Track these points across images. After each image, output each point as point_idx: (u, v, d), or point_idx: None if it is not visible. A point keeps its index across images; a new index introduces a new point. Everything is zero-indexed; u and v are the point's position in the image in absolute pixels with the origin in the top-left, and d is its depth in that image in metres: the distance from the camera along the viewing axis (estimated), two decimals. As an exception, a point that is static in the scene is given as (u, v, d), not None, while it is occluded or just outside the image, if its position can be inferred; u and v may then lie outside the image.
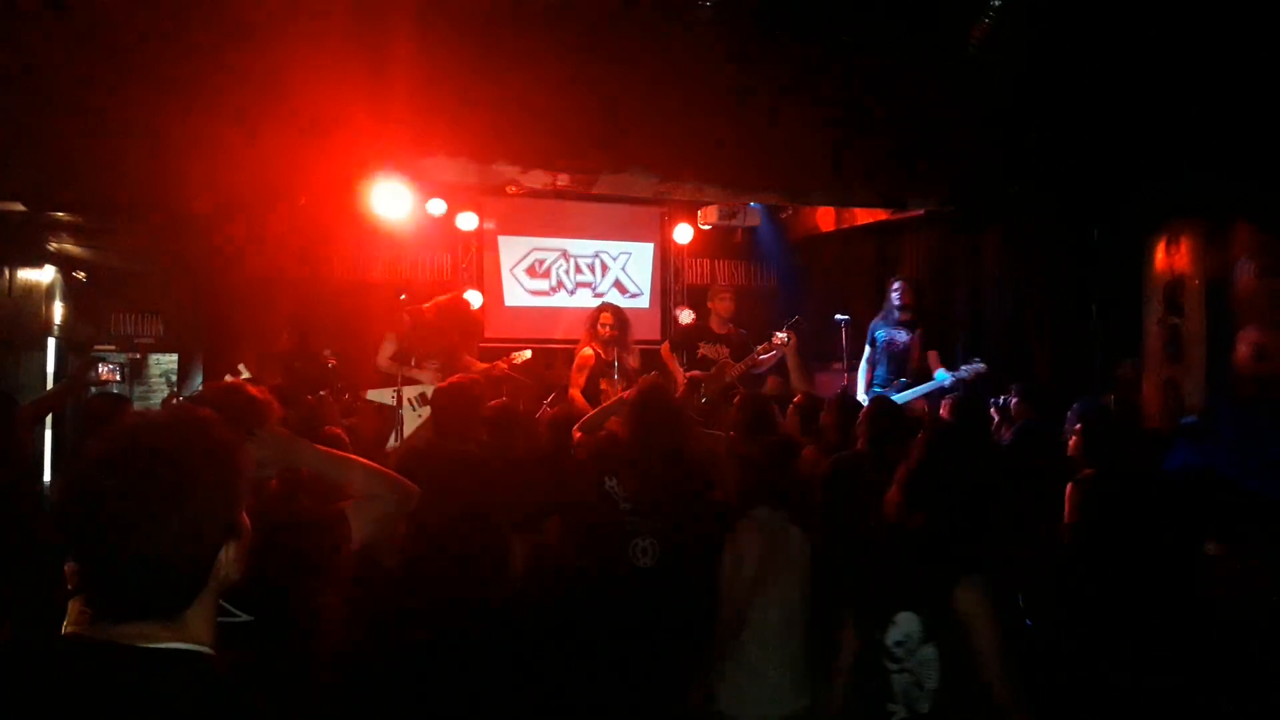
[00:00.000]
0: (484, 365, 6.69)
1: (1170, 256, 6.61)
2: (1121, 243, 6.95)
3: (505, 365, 6.64)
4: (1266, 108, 5.40)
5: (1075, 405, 4.34)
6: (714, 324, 7.05)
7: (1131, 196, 6.60)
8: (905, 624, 2.41)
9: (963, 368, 6.69)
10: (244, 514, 1.47)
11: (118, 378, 6.66)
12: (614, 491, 3.81)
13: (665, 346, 7.25)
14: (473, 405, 3.97)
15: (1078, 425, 4.02)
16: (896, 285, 7.34)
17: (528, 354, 6.86)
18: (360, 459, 2.33)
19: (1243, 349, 5.96)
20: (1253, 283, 5.96)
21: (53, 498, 1.78)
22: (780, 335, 6.51)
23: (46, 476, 6.38)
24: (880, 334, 7.31)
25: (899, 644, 2.42)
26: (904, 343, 7.20)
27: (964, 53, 5.91)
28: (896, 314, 7.24)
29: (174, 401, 5.32)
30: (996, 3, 5.54)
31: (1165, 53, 5.68)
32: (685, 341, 7.12)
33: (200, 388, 5.97)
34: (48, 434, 6.74)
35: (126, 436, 1.39)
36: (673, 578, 3.60)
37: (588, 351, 6.85)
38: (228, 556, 1.42)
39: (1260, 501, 4.18)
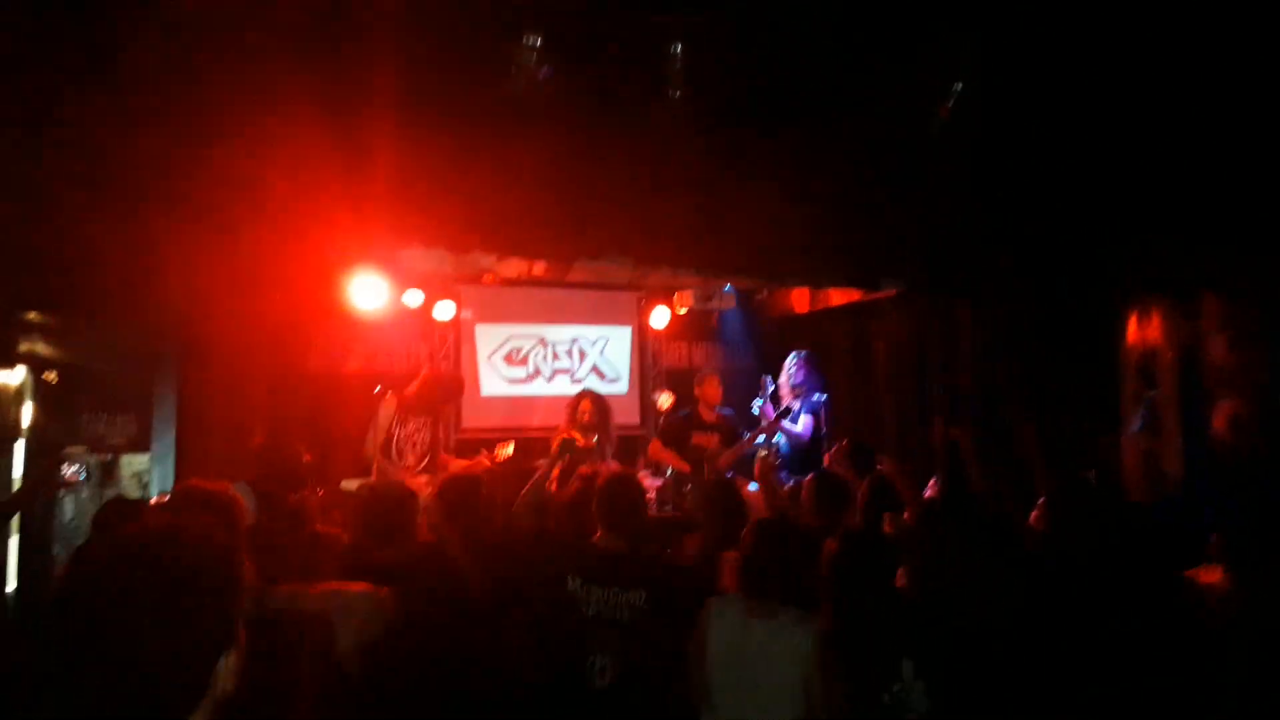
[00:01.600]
0: (465, 462, 6.61)
1: (1142, 330, 6.70)
2: (1094, 317, 7.04)
3: (488, 461, 6.57)
4: (1231, 183, 5.54)
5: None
6: (702, 411, 7.03)
7: (1102, 271, 6.71)
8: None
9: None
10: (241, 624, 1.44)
11: (83, 477, 6.52)
12: (577, 594, 3.35)
13: (654, 444, 7.15)
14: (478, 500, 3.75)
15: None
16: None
17: (510, 449, 6.80)
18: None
19: (1219, 420, 5.99)
20: (1225, 354, 6.03)
21: (50, 609, 1.72)
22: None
23: (13, 582, 6.22)
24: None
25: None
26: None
27: (930, 133, 6.04)
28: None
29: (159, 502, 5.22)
30: (959, 86, 5.67)
31: (1130, 129, 5.84)
32: (677, 434, 7.08)
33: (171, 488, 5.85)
34: (14, 539, 6.57)
35: (126, 547, 1.38)
36: (633, 702, 3.19)
37: (566, 439, 6.79)
38: (225, 668, 1.39)
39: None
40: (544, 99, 5.72)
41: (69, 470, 5.58)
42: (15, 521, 6.23)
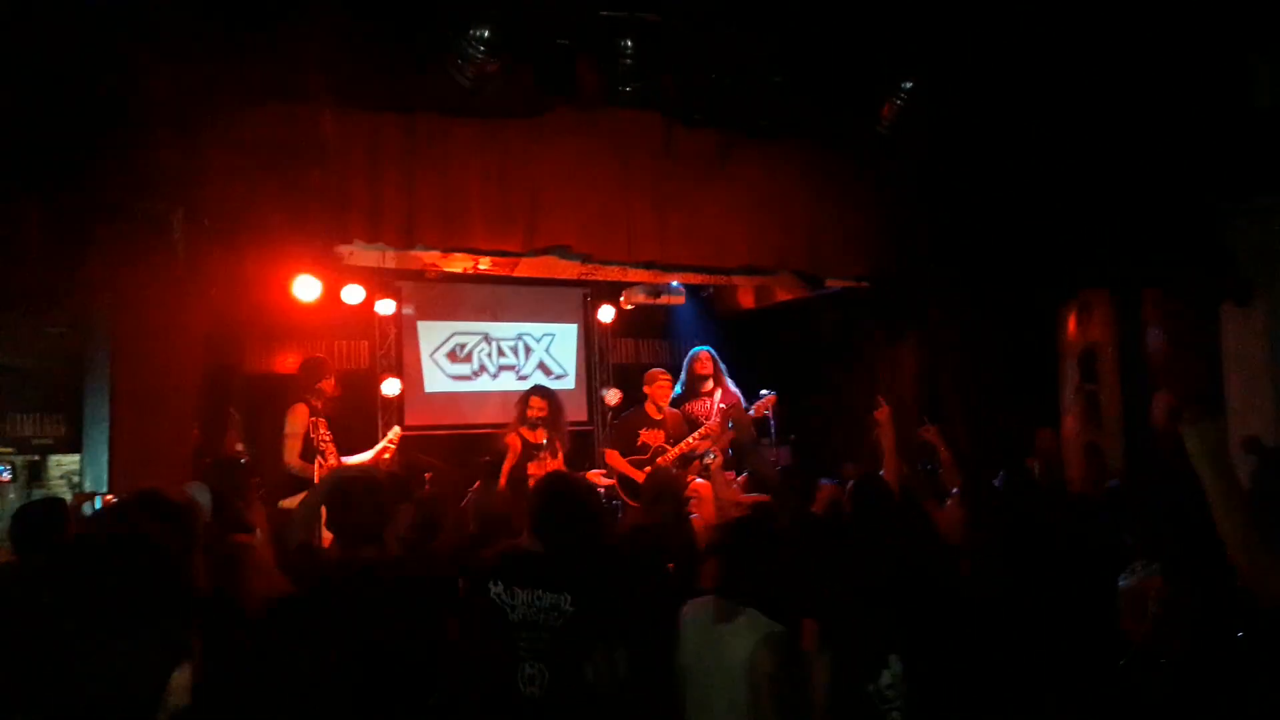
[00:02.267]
0: (370, 458, 6.53)
1: (1082, 325, 6.83)
2: (1034, 313, 7.17)
3: (393, 446, 6.56)
4: (1169, 184, 5.67)
5: (1001, 473, 4.39)
6: (649, 408, 7.00)
7: (1042, 268, 6.82)
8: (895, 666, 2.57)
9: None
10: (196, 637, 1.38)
11: (8, 478, 6.30)
12: (500, 599, 3.12)
13: (611, 454, 7.04)
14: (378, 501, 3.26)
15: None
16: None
17: (396, 430, 6.79)
18: None
19: (1158, 411, 6.13)
20: (1163, 348, 6.17)
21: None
22: (712, 423, 6.57)
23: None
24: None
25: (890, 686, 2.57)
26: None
27: (876, 133, 6.08)
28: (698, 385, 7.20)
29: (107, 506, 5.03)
30: (907, 85, 5.71)
31: (1074, 128, 5.95)
32: (625, 431, 7.04)
33: (106, 491, 5.64)
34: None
35: (69, 557, 1.36)
36: (566, 710, 2.99)
37: (512, 436, 6.72)
38: (179, 684, 1.32)
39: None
40: (493, 96, 5.64)
41: (-2, 472, 5.38)
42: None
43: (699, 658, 2.99)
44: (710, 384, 7.15)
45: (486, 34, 4.90)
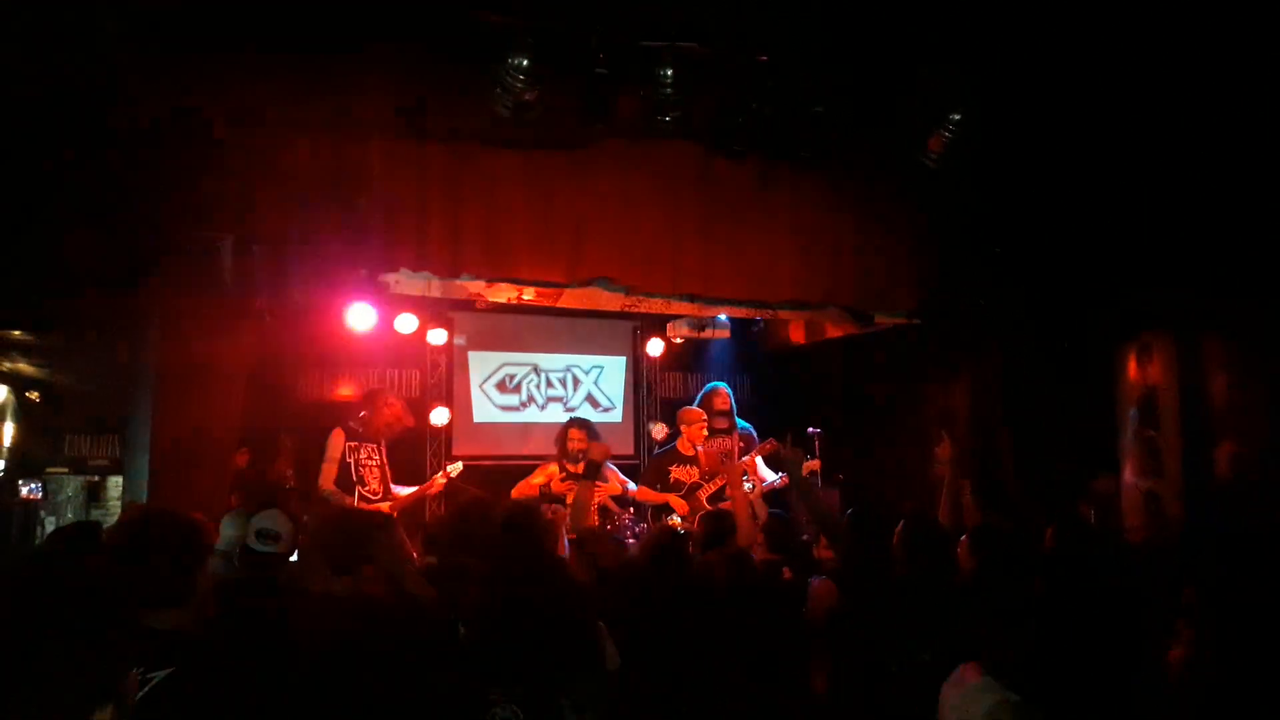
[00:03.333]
0: (417, 490, 6.61)
1: (1143, 368, 6.55)
2: (1093, 354, 6.90)
3: (444, 479, 6.64)
4: (1234, 221, 5.43)
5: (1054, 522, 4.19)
6: (682, 446, 6.85)
7: (1101, 308, 6.58)
8: None
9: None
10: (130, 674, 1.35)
11: (40, 497, 6.43)
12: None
13: (643, 490, 6.87)
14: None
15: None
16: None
17: (458, 465, 6.86)
18: None
19: (1221, 462, 5.84)
20: (1226, 394, 5.88)
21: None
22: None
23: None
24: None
25: None
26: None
27: (925, 165, 5.93)
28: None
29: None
30: (956, 116, 5.56)
31: (1131, 164, 5.74)
32: (657, 468, 6.90)
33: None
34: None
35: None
36: None
37: (552, 469, 6.68)
38: None
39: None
40: (537, 127, 5.65)
41: (26, 489, 5.49)
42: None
43: None
44: (727, 422, 6.94)
45: (525, 63, 4.90)
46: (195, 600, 2.17)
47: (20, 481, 5.49)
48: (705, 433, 6.77)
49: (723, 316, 8.82)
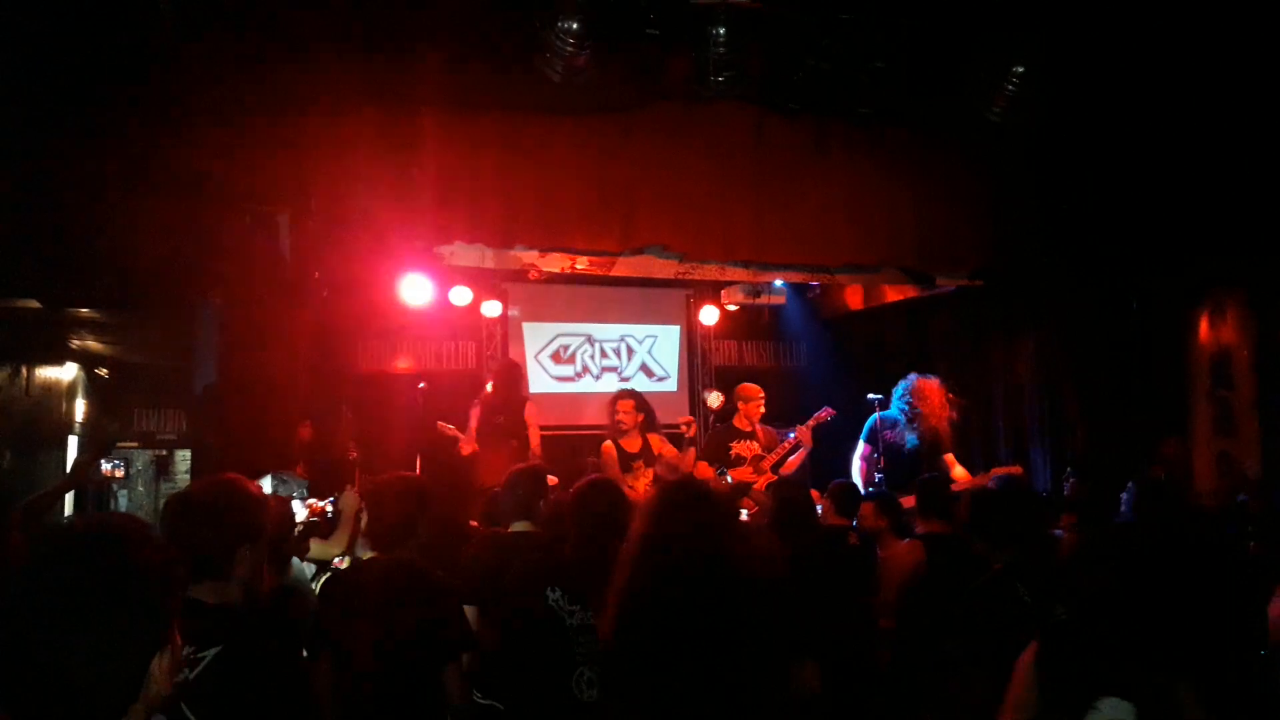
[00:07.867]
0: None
1: (1215, 328, 6.35)
2: (1162, 315, 6.69)
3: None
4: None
5: (1130, 484, 4.07)
6: (739, 422, 6.68)
7: (1171, 267, 6.37)
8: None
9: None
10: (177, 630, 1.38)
11: (121, 474, 6.57)
12: (559, 606, 3.19)
13: (703, 466, 6.73)
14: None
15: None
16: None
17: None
18: None
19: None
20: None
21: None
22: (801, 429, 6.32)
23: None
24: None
25: None
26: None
27: (985, 120, 5.76)
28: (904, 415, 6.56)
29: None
30: (1019, 69, 5.38)
31: (1205, 117, 5.52)
32: (715, 444, 6.72)
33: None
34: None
35: (45, 548, 1.36)
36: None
37: (607, 445, 6.56)
38: (158, 669, 1.32)
39: None
40: (587, 95, 5.59)
41: (108, 466, 5.60)
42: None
43: None
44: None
45: (575, 25, 4.85)
46: (244, 574, 2.18)
47: (103, 459, 5.61)
48: (763, 409, 6.65)
49: (778, 282, 8.72)
